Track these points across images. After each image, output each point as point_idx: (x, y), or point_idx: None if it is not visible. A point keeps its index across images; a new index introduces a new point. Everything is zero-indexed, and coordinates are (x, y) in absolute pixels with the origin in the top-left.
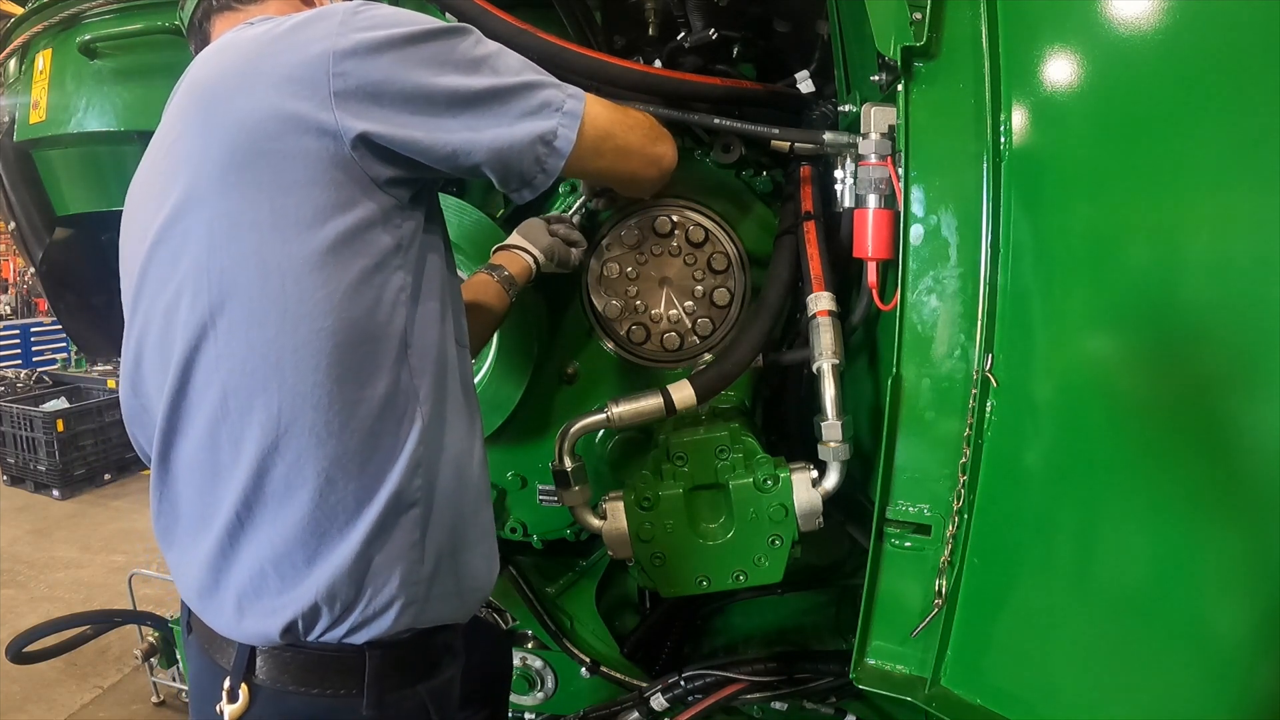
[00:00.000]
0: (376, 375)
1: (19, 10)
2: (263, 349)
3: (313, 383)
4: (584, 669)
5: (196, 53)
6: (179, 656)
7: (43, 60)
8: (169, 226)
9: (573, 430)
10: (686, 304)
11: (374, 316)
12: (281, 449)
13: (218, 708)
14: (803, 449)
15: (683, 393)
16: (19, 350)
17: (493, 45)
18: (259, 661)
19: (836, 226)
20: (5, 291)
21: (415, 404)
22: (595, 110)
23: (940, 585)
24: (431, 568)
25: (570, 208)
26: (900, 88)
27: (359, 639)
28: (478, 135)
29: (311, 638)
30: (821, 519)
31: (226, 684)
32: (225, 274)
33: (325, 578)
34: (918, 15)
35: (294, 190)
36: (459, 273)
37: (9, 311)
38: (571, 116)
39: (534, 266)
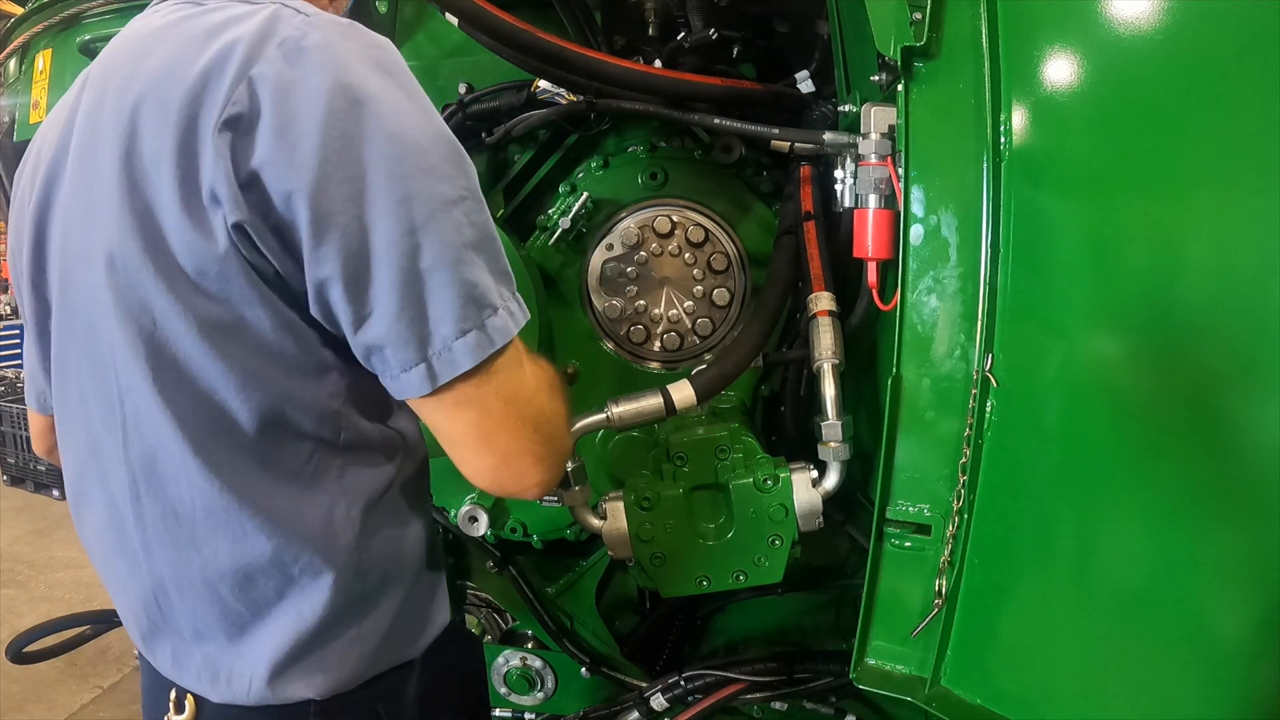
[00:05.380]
0: (295, 478)
1: (19, 10)
2: (172, 445)
3: (233, 502)
4: (584, 669)
5: None
6: None
7: (43, 60)
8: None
9: (573, 430)
10: (686, 304)
11: (287, 411)
12: (196, 542)
13: (165, 718)
14: (802, 449)
15: (683, 393)
16: (19, 350)
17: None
18: None
19: (836, 226)
20: (5, 291)
21: (346, 509)
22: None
23: (940, 585)
24: (373, 651)
25: (570, 208)
26: (900, 88)
27: None
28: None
29: None
30: (821, 519)
31: (173, 694)
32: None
33: (263, 684)
34: (918, 15)
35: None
36: None
37: (9, 311)
38: (449, 365)
39: None
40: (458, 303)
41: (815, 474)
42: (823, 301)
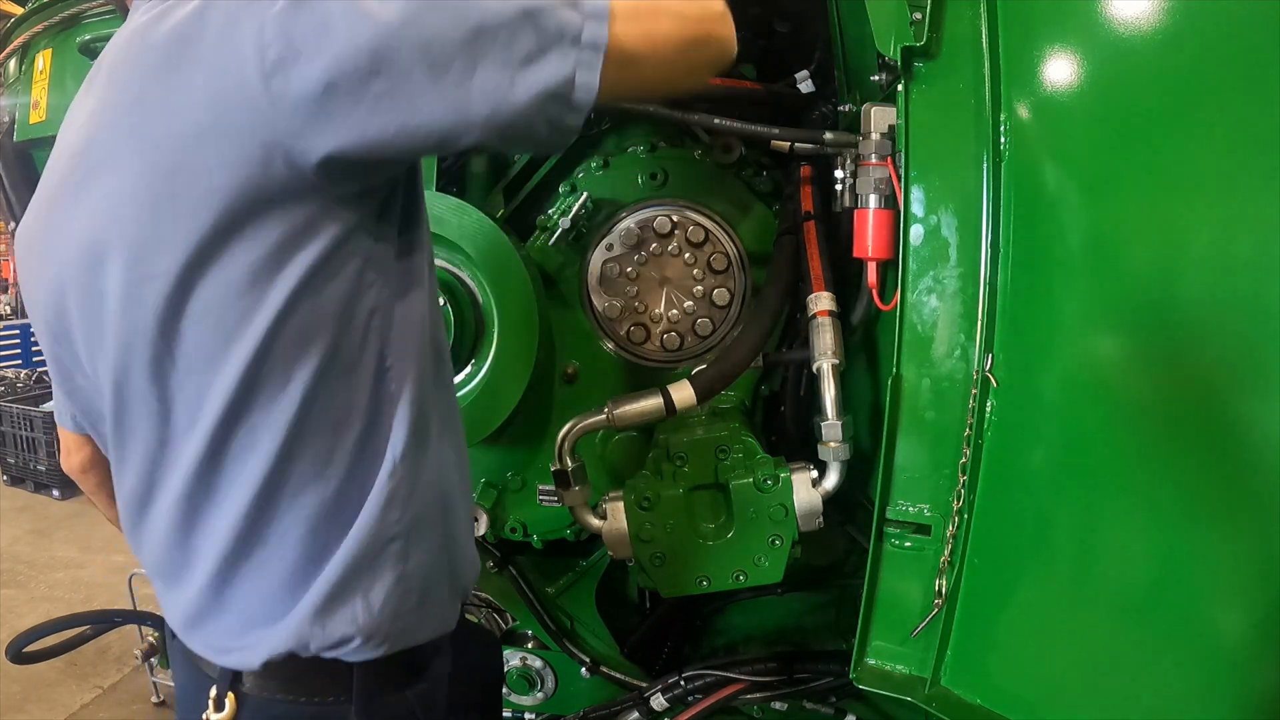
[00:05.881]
0: (351, 413)
1: (19, 10)
2: (231, 411)
3: (290, 436)
4: (584, 669)
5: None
6: None
7: (43, 60)
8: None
9: (573, 431)
10: (686, 304)
11: (340, 351)
12: (262, 505)
13: (204, 716)
14: (802, 449)
15: (683, 393)
16: (19, 350)
17: None
18: (246, 670)
19: (836, 226)
20: (5, 291)
21: (390, 437)
22: (623, 29)
23: (940, 585)
24: (418, 597)
25: (570, 208)
26: (900, 88)
27: (349, 660)
28: (467, 108)
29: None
30: (821, 519)
31: (213, 692)
32: (184, 340)
33: (306, 621)
34: (918, 15)
35: (233, 232)
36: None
37: (9, 311)
38: (592, 50)
39: None
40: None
41: (815, 474)
42: (823, 301)
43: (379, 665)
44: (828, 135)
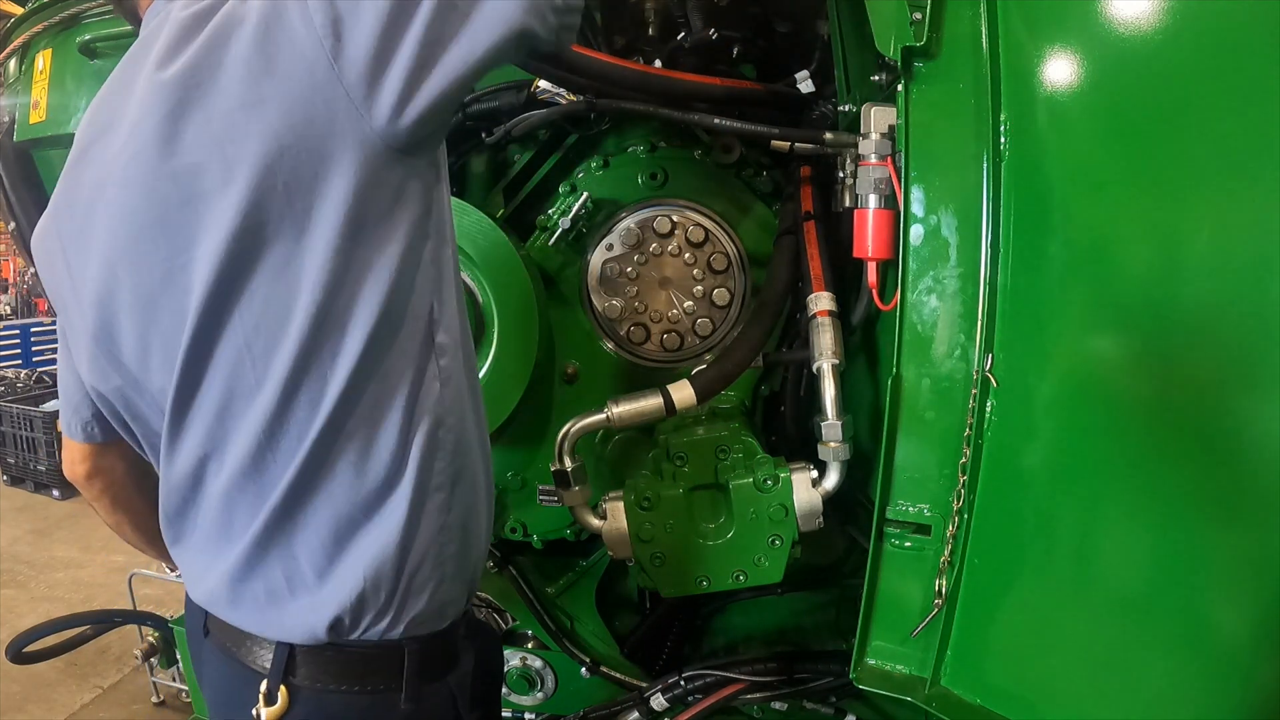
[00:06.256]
0: (403, 361)
1: (19, 10)
2: (301, 361)
3: (350, 383)
4: (584, 669)
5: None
6: (179, 656)
7: (43, 60)
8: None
9: (572, 430)
10: (686, 304)
11: (398, 302)
12: (323, 453)
13: (254, 710)
14: (802, 449)
15: (683, 393)
16: (19, 350)
17: None
18: (299, 662)
19: (836, 226)
20: (5, 291)
21: (439, 389)
22: None
23: (940, 585)
24: (457, 546)
25: (570, 208)
26: (900, 88)
27: (398, 631)
28: (490, 14)
29: (356, 634)
30: (821, 519)
31: (264, 686)
32: (268, 308)
33: (369, 568)
34: (918, 15)
35: (303, 187)
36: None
37: (9, 311)
38: None
39: None
40: None
41: (815, 474)
42: (823, 301)
43: (425, 650)
44: (828, 135)
